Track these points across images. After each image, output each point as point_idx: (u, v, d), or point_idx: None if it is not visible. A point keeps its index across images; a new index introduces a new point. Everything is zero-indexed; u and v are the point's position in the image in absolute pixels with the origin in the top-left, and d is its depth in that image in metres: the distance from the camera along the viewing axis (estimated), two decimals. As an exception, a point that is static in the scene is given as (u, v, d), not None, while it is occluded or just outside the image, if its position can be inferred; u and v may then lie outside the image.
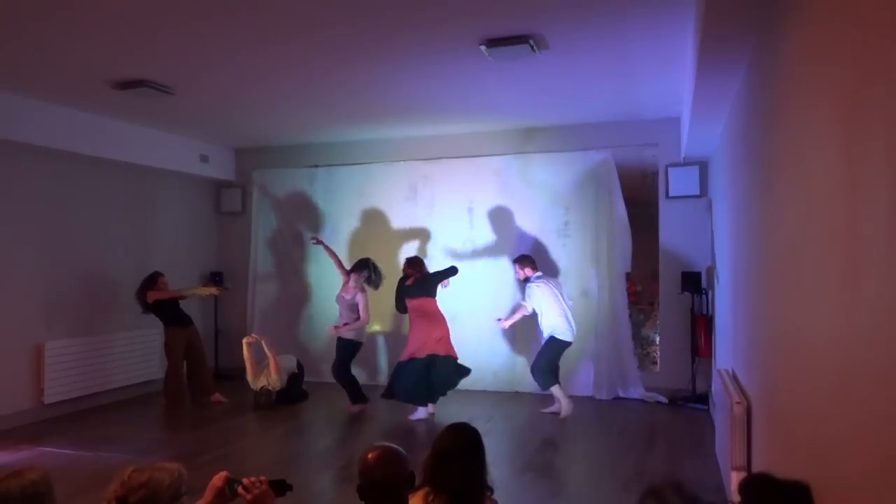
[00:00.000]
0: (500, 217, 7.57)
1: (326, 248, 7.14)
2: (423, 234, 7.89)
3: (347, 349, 6.56)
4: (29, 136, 5.95)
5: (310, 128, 7.46)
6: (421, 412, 6.15)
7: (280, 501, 2.13)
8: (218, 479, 2.09)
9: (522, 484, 4.58)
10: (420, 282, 6.34)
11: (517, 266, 6.60)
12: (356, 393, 6.54)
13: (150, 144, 7.29)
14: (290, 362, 7.16)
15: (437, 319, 6.28)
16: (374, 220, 8.08)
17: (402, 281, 6.50)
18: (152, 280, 6.92)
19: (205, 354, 7.33)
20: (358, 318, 6.47)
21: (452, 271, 6.51)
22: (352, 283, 6.56)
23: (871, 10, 1.51)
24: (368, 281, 6.60)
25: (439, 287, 6.42)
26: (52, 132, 6.14)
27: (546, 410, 6.39)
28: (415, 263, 6.53)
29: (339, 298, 6.64)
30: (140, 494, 1.87)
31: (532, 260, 6.62)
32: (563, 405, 6.21)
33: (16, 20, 4.09)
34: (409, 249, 7.80)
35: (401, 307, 6.49)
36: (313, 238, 7.43)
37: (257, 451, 5.60)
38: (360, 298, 6.47)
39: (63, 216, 6.69)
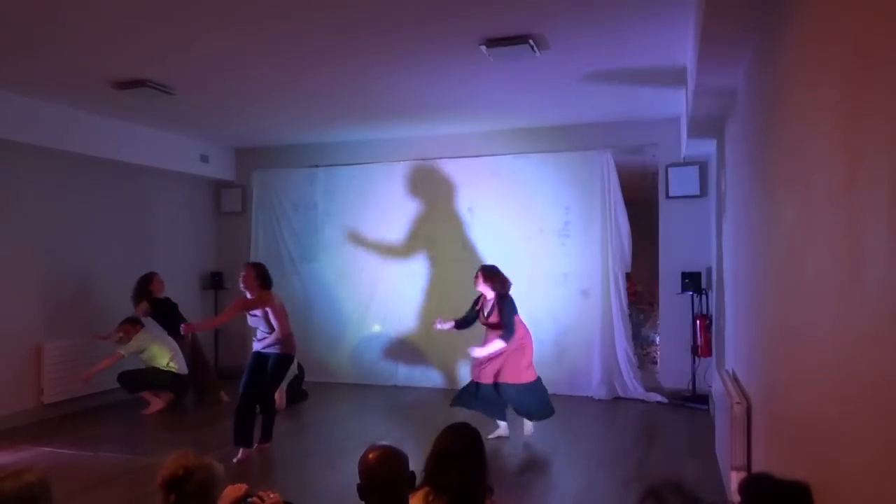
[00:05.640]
0: (500, 217, 7.57)
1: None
2: (423, 235, 7.88)
3: (282, 365, 5.32)
4: (29, 136, 5.95)
5: (310, 128, 7.46)
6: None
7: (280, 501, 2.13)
8: (236, 490, 2.08)
9: (523, 484, 4.58)
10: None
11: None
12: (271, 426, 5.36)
13: (150, 144, 7.29)
14: (291, 363, 7.17)
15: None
16: (374, 220, 8.08)
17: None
18: (147, 280, 6.94)
19: (204, 354, 7.44)
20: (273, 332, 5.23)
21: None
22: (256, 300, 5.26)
23: (871, 9, 1.51)
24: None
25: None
26: (52, 132, 6.14)
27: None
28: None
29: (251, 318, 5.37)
30: (200, 477, 1.96)
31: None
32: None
33: (16, 20, 4.09)
34: (408, 249, 7.81)
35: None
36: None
37: (258, 451, 5.59)
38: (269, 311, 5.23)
39: (63, 216, 6.68)
